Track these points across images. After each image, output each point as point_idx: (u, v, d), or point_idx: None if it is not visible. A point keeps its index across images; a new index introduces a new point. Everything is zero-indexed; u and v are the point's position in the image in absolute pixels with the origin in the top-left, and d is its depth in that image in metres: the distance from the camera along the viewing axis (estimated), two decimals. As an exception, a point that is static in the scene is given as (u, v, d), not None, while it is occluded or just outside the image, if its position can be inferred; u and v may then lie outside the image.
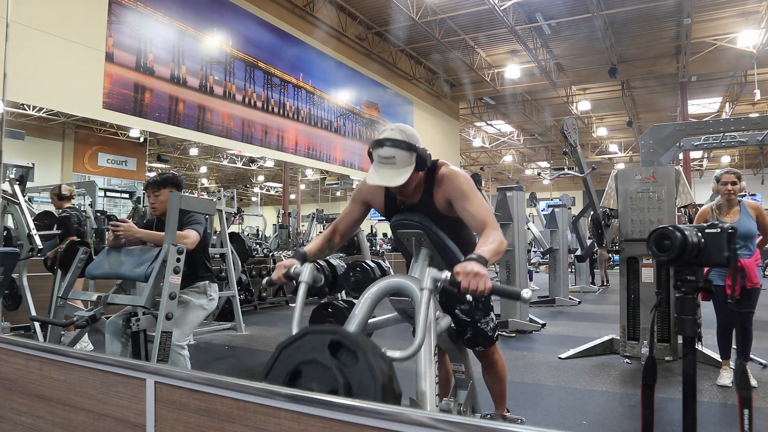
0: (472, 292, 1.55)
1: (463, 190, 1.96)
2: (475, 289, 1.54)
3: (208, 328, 6.16)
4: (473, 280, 1.53)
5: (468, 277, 1.54)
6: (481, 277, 1.54)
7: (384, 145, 1.87)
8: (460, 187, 1.96)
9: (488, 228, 1.86)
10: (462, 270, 1.55)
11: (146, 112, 8.35)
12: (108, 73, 7.67)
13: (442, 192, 2.00)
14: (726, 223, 3.75)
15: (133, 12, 8.11)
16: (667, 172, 4.84)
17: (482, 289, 1.54)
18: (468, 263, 1.57)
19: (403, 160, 1.86)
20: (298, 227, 14.70)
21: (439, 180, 2.01)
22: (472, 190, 1.97)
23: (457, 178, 1.98)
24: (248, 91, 10.31)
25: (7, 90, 3.11)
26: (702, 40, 12.91)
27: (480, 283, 1.54)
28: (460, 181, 1.98)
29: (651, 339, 1.97)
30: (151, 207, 3.29)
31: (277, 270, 1.92)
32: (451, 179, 1.99)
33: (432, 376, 1.56)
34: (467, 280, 1.54)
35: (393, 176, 1.86)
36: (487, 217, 1.91)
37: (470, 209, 1.93)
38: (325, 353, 1.21)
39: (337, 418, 0.92)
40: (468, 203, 1.94)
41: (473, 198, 1.94)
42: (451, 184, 1.98)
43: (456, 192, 1.97)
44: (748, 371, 2.27)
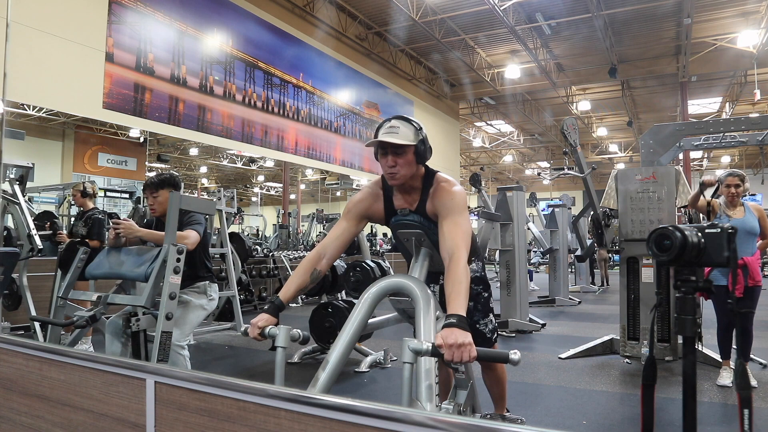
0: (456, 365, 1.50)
1: (450, 207, 1.90)
2: (459, 361, 1.47)
3: (208, 328, 6.16)
4: (456, 353, 1.46)
5: (451, 349, 1.46)
6: (464, 347, 1.47)
7: (392, 119, 1.93)
8: (449, 203, 1.92)
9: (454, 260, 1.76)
10: (444, 342, 1.47)
11: (146, 112, 8.35)
12: (108, 73, 7.67)
13: (433, 202, 1.97)
14: (731, 219, 3.79)
15: (133, 12, 8.11)
16: (667, 172, 4.84)
17: (466, 359, 1.48)
18: (450, 334, 1.48)
19: (406, 133, 1.89)
20: (298, 227, 14.71)
21: (435, 190, 1.98)
22: (460, 211, 1.91)
23: (449, 194, 1.94)
24: (248, 91, 10.32)
25: (7, 90, 3.11)
26: (702, 40, 12.91)
27: (464, 354, 1.46)
28: (451, 197, 1.93)
29: (651, 339, 1.97)
30: (149, 208, 3.29)
31: (252, 328, 1.82)
32: (443, 192, 1.95)
33: (432, 376, 1.56)
34: (450, 353, 1.46)
35: (395, 138, 1.86)
36: (459, 243, 1.81)
37: (447, 229, 1.86)
38: None
39: (337, 418, 0.92)
40: (449, 222, 1.87)
41: (457, 218, 1.87)
42: (442, 198, 1.94)
43: (443, 207, 1.92)
44: (748, 371, 2.27)
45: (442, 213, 1.91)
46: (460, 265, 1.73)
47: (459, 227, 1.85)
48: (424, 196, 2.00)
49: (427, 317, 1.62)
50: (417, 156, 1.92)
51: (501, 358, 1.47)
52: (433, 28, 12.47)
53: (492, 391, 2.43)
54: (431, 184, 1.99)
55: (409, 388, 1.47)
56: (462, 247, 1.80)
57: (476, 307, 2.19)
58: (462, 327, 1.51)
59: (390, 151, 1.90)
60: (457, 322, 1.51)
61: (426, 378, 1.55)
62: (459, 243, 1.81)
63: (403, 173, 1.92)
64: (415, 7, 11.44)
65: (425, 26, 12.14)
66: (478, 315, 2.20)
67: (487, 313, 2.24)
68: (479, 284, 2.21)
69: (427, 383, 1.54)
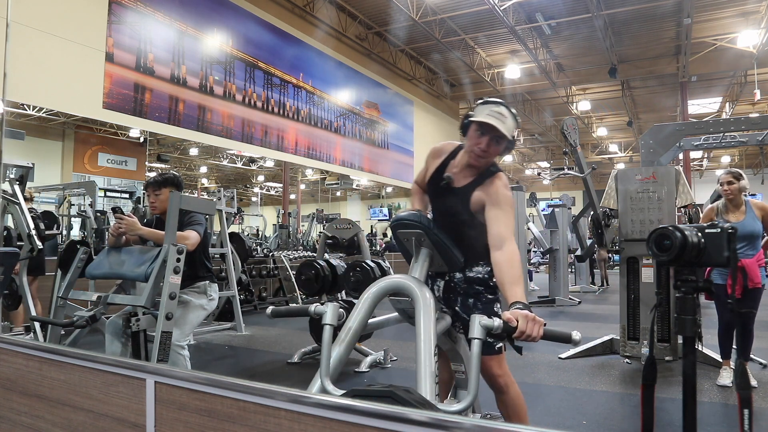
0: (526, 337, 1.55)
1: (501, 201, 1.94)
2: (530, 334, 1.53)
3: (208, 328, 6.16)
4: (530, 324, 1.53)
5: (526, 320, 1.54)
6: (536, 322, 1.54)
7: (500, 104, 1.94)
8: (499, 196, 1.95)
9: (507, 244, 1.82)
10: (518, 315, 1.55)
11: (146, 112, 8.35)
12: (108, 73, 7.68)
13: (483, 192, 1.99)
14: (728, 222, 3.75)
15: (133, 12, 8.11)
16: (667, 172, 4.84)
17: (536, 333, 1.53)
18: (521, 311, 1.56)
19: (509, 127, 1.92)
20: (298, 227, 14.70)
21: (488, 185, 2.00)
22: (509, 208, 1.95)
23: (504, 189, 1.99)
24: (248, 91, 10.32)
25: (7, 90, 3.11)
26: (702, 40, 12.91)
27: (535, 328, 1.54)
28: (503, 193, 1.97)
29: (651, 339, 1.97)
30: (150, 206, 3.30)
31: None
32: (498, 186, 1.98)
33: (432, 377, 1.56)
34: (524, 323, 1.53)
35: (501, 127, 1.90)
36: (508, 232, 1.87)
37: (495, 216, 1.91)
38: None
39: (337, 418, 0.92)
40: (498, 212, 1.92)
41: (504, 212, 1.92)
42: (496, 189, 1.97)
43: (494, 197, 1.95)
44: (748, 371, 2.27)
45: (490, 202, 1.95)
46: (513, 251, 1.79)
47: (507, 218, 1.91)
48: (476, 183, 2.03)
49: (427, 317, 1.62)
50: (504, 150, 1.99)
51: (564, 337, 1.50)
52: (433, 28, 12.47)
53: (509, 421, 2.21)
54: (489, 176, 2.02)
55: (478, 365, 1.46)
56: (510, 235, 1.85)
57: (476, 305, 2.17)
58: (529, 309, 1.58)
59: (489, 136, 1.94)
60: (523, 307, 1.58)
61: (426, 378, 1.55)
62: (508, 231, 1.86)
63: (489, 160, 1.99)
64: (415, 7, 11.44)
65: (425, 26, 12.14)
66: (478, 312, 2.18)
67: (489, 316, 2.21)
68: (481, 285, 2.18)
69: (427, 383, 1.53)
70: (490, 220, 1.91)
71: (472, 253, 2.08)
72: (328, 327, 1.57)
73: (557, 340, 1.55)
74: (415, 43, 14.25)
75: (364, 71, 13.88)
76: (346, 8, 12.55)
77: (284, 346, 5.50)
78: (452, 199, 2.08)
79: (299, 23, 11.63)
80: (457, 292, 2.17)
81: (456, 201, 2.06)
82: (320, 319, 1.60)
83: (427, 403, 1.18)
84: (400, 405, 1.07)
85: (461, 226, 2.06)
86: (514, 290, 1.69)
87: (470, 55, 14.50)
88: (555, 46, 14.19)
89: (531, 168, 27.74)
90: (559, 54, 14.66)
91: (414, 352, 1.54)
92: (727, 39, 12.88)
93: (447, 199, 2.11)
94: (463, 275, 2.15)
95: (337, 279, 5.12)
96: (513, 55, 14.71)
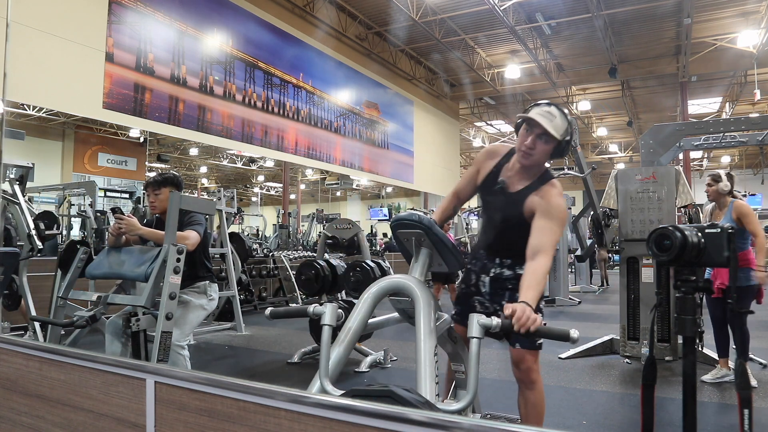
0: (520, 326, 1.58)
1: (551, 212, 1.95)
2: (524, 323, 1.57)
3: (208, 328, 6.16)
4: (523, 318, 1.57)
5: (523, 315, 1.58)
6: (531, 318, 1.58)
7: (552, 105, 1.98)
8: (552, 207, 1.96)
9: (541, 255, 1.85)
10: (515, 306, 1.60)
11: (146, 112, 8.35)
12: (108, 73, 7.68)
13: (536, 202, 2.00)
14: None
15: (133, 12, 8.11)
16: (667, 172, 4.84)
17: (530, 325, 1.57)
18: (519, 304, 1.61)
19: (558, 126, 1.94)
20: (298, 227, 14.71)
21: (543, 193, 2.01)
22: (559, 221, 1.97)
23: (558, 197, 2.00)
24: (248, 91, 10.32)
25: (7, 90, 3.11)
26: (702, 40, 12.91)
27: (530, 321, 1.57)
28: (556, 207, 1.98)
29: (651, 339, 1.97)
30: (150, 206, 3.30)
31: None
32: (550, 200, 1.99)
33: (432, 377, 1.56)
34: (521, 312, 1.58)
35: (548, 125, 1.91)
36: (547, 244, 1.89)
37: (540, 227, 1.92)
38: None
39: (337, 418, 0.92)
40: (545, 223, 1.93)
41: (553, 225, 1.94)
42: (550, 199, 1.98)
43: (546, 207, 1.96)
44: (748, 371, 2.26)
45: (542, 211, 1.96)
46: (543, 264, 1.83)
47: (552, 232, 1.92)
48: (529, 189, 2.05)
49: (427, 317, 1.62)
50: (555, 151, 1.99)
51: (563, 335, 1.48)
52: (433, 28, 12.47)
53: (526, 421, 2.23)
54: (543, 183, 2.04)
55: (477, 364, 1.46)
56: (550, 249, 1.87)
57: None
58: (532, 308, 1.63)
59: (536, 133, 1.95)
60: (528, 303, 1.64)
61: (426, 378, 1.54)
62: (547, 245, 1.88)
63: (536, 158, 1.99)
64: (415, 7, 11.44)
65: (425, 26, 12.14)
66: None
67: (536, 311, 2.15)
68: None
69: (427, 383, 1.53)
70: (536, 229, 1.92)
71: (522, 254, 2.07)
72: (326, 327, 1.57)
73: (556, 339, 1.55)
74: (415, 43, 14.25)
75: (364, 71, 13.88)
76: (346, 8, 12.55)
77: (284, 346, 5.50)
78: (505, 203, 2.10)
79: (299, 23, 11.63)
80: (506, 287, 2.18)
81: (509, 206, 2.08)
82: (320, 320, 1.59)
83: (427, 402, 1.18)
84: (400, 405, 1.07)
85: (511, 229, 2.08)
86: (527, 293, 1.74)
87: (470, 55, 14.50)
88: (555, 46, 14.19)
89: (531, 168, 27.70)
90: (559, 54, 14.66)
91: (414, 352, 1.54)
92: (727, 39, 12.88)
93: (500, 203, 2.14)
94: (513, 272, 2.16)
95: (337, 279, 5.12)
96: (513, 55, 14.71)
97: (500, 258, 2.20)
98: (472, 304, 2.25)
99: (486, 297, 2.22)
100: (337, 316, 1.61)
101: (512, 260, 2.16)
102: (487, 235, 2.27)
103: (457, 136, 19.27)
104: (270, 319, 1.73)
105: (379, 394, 1.12)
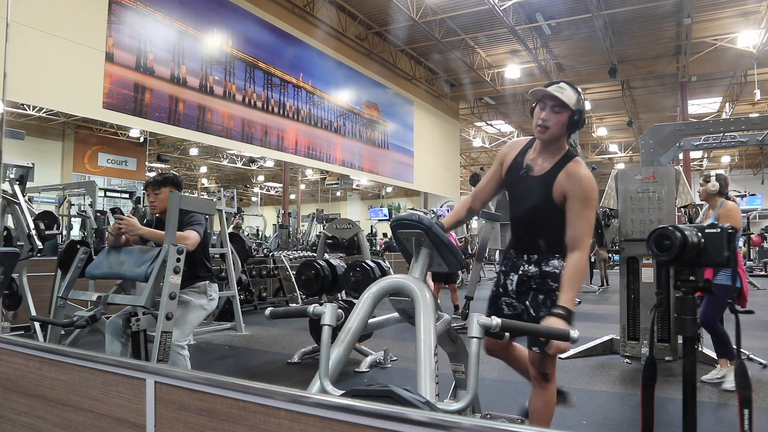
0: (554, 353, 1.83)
1: (584, 195, 1.99)
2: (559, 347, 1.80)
3: (208, 328, 6.16)
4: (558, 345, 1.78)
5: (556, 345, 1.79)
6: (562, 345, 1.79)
7: (561, 82, 2.08)
8: (584, 191, 1.99)
9: (577, 252, 1.94)
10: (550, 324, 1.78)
11: (146, 112, 8.35)
12: (108, 73, 7.68)
13: (565, 184, 2.03)
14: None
15: (133, 12, 8.11)
16: (667, 172, 4.84)
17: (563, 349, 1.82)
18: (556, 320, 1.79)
19: (569, 97, 1.99)
20: (298, 227, 14.70)
21: (570, 171, 2.03)
22: (591, 202, 2.01)
23: (587, 182, 2.02)
24: (248, 91, 10.32)
25: (7, 90, 3.11)
26: (702, 40, 12.91)
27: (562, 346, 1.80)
28: (587, 185, 2.01)
29: (651, 339, 1.97)
30: (150, 205, 3.29)
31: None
32: (580, 178, 2.01)
33: (432, 377, 1.56)
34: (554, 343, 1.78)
35: (558, 94, 1.98)
36: (584, 235, 1.96)
37: (575, 217, 1.97)
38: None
39: (337, 418, 0.92)
40: (578, 210, 1.97)
41: (586, 210, 1.98)
42: (578, 183, 2.01)
43: (576, 192, 1.99)
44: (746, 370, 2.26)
45: (570, 197, 2.00)
46: (580, 258, 1.92)
47: (585, 218, 1.98)
48: (555, 168, 2.07)
49: (427, 317, 1.62)
50: (570, 122, 2.02)
51: (563, 335, 1.50)
52: (433, 28, 12.47)
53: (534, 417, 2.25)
54: (568, 160, 2.06)
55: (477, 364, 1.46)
56: (586, 238, 1.96)
57: (545, 302, 2.12)
58: (567, 320, 1.79)
59: (548, 106, 2.01)
60: (564, 314, 1.80)
61: (426, 378, 1.54)
62: (583, 234, 1.96)
63: (553, 131, 2.02)
64: (415, 7, 11.44)
65: (425, 26, 12.14)
66: (545, 311, 2.13)
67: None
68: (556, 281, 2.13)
69: (427, 383, 1.53)
70: (570, 219, 1.98)
71: (550, 246, 2.11)
72: (326, 328, 1.57)
73: (556, 338, 1.55)
74: (415, 43, 14.25)
75: (364, 71, 13.88)
76: (346, 8, 12.55)
77: (284, 346, 5.50)
78: (532, 187, 2.12)
79: (299, 23, 11.64)
80: (530, 287, 2.17)
81: (536, 189, 2.10)
82: (320, 320, 1.59)
83: (427, 402, 1.18)
84: (400, 405, 1.07)
85: (540, 216, 2.10)
86: (565, 295, 1.87)
87: (470, 55, 14.50)
88: (555, 46, 14.19)
89: (531, 168, 27.70)
90: (559, 54, 14.66)
91: (414, 352, 1.54)
92: (727, 39, 12.88)
93: (527, 189, 2.15)
94: (539, 269, 2.14)
95: (337, 279, 5.12)
96: (513, 55, 14.72)
97: (527, 255, 2.19)
98: (500, 307, 2.26)
99: (512, 295, 2.22)
100: (337, 316, 1.61)
101: (538, 256, 2.15)
102: (516, 232, 2.28)
103: (457, 136, 19.26)
104: (270, 319, 1.73)
105: (379, 394, 1.12)
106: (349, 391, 1.20)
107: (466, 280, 12.07)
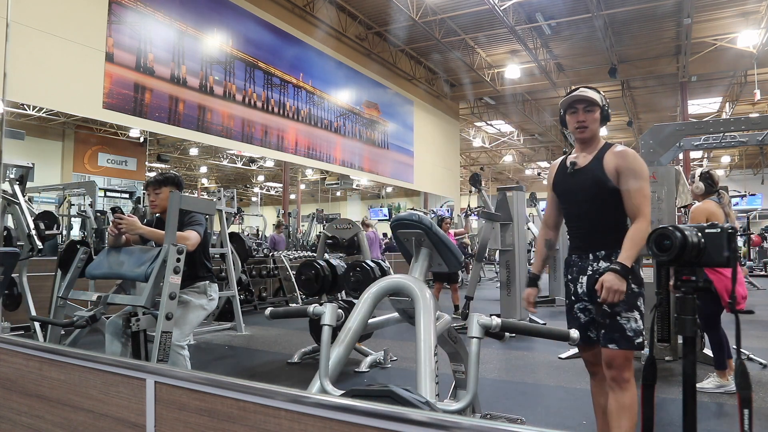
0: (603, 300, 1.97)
1: (635, 169, 2.14)
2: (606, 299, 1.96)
3: (208, 328, 6.16)
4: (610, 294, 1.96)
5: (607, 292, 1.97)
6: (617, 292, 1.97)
7: (580, 87, 2.31)
8: (634, 166, 2.14)
9: (638, 220, 2.09)
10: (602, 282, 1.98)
11: (146, 112, 8.35)
12: (108, 73, 7.68)
13: (614, 161, 2.16)
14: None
15: (133, 12, 8.11)
16: (667, 172, 4.84)
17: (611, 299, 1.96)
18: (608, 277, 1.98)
19: (594, 94, 2.25)
20: (298, 227, 14.70)
21: (615, 152, 2.19)
22: (643, 175, 2.15)
23: (635, 159, 2.17)
24: (248, 91, 10.32)
25: (7, 90, 3.11)
26: (702, 40, 12.91)
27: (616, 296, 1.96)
28: (636, 161, 2.16)
29: (651, 339, 1.96)
30: (150, 205, 3.29)
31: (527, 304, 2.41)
32: (627, 156, 2.17)
33: (432, 377, 1.56)
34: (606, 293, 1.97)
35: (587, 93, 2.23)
36: (642, 204, 2.10)
37: (632, 190, 2.11)
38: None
39: (337, 418, 0.92)
40: (633, 184, 2.12)
41: (640, 182, 2.12)
42: (627, 160, 2.15)
43: (628, 169, 2.13)
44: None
45: (622, 172, 2.14)
46: (642, 226, 2.07)
47: (640, 190, 2.12)
48: (600, 153, 2.22)
49: (427, 317, 1.62)
50: (601, 117, 2.25)
51: (563, 336, 1.49)
52: (433, 28, 12.47)
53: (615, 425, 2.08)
54: (609, 147, 2.24)
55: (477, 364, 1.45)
56: (645, 207, 2.10)
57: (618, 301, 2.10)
58: (621, 274, 1.97)
59: (581, 108, 2.23)
60: (619, 269, 1.98)
61: (426, 378, 1.54)
62: (640, 203, 2.10)
63: (591, 129, 2.23)
64: (415, 7, 11.44)
65: (425, 26, 12.14)
66: (620, 306, 2.07)
67: (632, 309, 2.09)
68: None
69: (427, 383, 1.53)
70: (626, 193, 2.12)
71: (616, 237, 2.14)
72: (326, 328, 1.57)
73: (556, 339, 1.54)
74: (415, 43, 14.25)
75: (364, 71, 13.88)
76: (346, 8, 12.55)
77: (284, 346, 5.50)
78: (583, 177, 2.23)
79: (299, 23, 11.64)
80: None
81: (587, 176, 2.21)
82: (320, 320, 1.59)
83: (427, 402, 1.18)
84: (400, 405, 1.07)
85: (597, 202, 2.19)
86: (624, 253, 2.03)
87: (470, 55, 14.50)
88: (555, 46, 14.19)
89: (531, 168, 27.74)
90: (559, 54, 14.66)
91: (414, 352, 1.54)
92: (727, 39, 12.88)
93: (576, 181, 2.26)
94: (609, 263, 2.13)
95: (337, 279, 5.12)
96: (513, 55, 14.71)
97: (593, 252, 2.21)
98: (575, 316, 2.27)
99: (584, 298, 2.22)
100: (337, 316, 1.61)
101: (606, 251, 2.17)
102: (576, 231, 2.32)
103: (457, 136, 19.26)
104: (270, 319, 1.73)
105: (379, 394, 1.12)
106: (349, 391, 1.20)
107: (466, 280, 12.08)
